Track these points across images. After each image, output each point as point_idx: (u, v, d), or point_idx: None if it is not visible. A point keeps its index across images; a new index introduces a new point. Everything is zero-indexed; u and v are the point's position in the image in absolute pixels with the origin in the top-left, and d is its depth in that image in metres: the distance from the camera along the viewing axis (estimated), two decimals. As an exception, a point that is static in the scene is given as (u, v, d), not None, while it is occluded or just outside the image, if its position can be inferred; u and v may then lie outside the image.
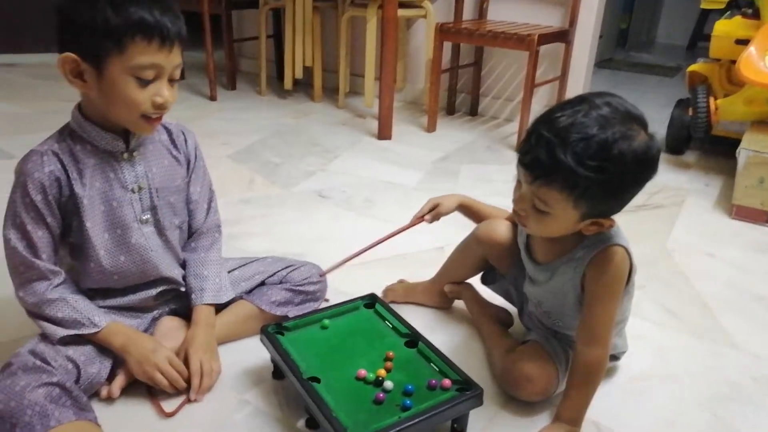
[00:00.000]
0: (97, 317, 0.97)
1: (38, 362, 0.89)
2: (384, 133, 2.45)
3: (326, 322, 1.06)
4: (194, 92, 3.05)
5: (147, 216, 1.03)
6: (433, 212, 1.17)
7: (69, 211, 0.96)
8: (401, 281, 1.34)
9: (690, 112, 2.22)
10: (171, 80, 0.93)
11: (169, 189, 1.05)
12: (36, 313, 0.96)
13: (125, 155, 0.99)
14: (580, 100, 0.85)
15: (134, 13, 0.85)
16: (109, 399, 0.97)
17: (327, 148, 2.32)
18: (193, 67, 3.40)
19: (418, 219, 1.18)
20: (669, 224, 1.78)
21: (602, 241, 0.92)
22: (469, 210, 1.19)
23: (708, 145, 2.47)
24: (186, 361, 1.00)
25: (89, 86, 0.90)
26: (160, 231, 1.05)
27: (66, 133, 0.97)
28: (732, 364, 1.16)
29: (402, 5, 2.40)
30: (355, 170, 2.11)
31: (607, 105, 0.83)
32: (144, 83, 0.90)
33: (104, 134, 0.96)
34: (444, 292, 1.27)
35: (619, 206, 0.88)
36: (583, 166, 0.80)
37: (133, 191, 1.00)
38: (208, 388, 1.00)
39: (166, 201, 1.05)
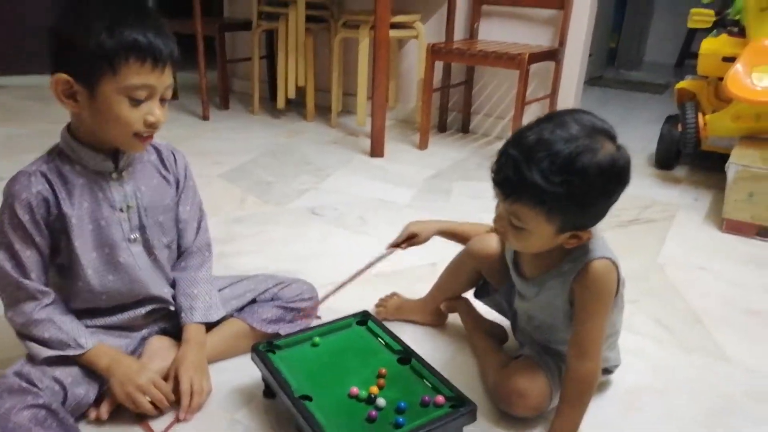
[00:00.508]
0: (84, 339, 0.96)
1: (24, 384, 0.88)
2: (376, 151, 2.46)
3: (317, 339, 1.05)
4: (187, 112, 3.06)
5: (135, 235, 1.02)
6: (409, 242, 1.20)
7: (57, 231, 0.96)
8: (395, 294, 1.34)
9: (679, 128, 2.24)
10: (162, 100, 0.94)
11: (158, 208, 1.05)
12: (23, 334, 0.95)
13: (114, 175, 0.99)
14: (548, 117, 0.87)
15: (128, 36, 0.86)
16: (98, 421, 0.95)
17: (319, 167, 2.33)
18: (187, 88, 3.41)
19: (394, 248, 1.21)
20: (660, 239, 1.79)
21: (587, 254, 0.92)
22: (449, 234, 1.22)
23: (697, 160, 2.50)
24: (176, 381, 0.99)
25: (81, 106, 0.91)
26: (149, 250, 1.05)
27: (54, 154, 0.97)
28: (725, 378, 1.16)
29: (394, 26, 2.42)
30: (348, 188, 2.12)
31: (573, 121, 0.84)
32: (136, 103, 0.90)
33: (94, 154, 0.96)
34: (437, 310, 1.26)
35: (593, 218, 0.89)
36: (549, 182, 0.81)
37: (121, 210, 1.00)
38: (198, 408, 0.99)
39: (155, 220, 1.05)
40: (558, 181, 0.81)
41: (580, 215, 0.87)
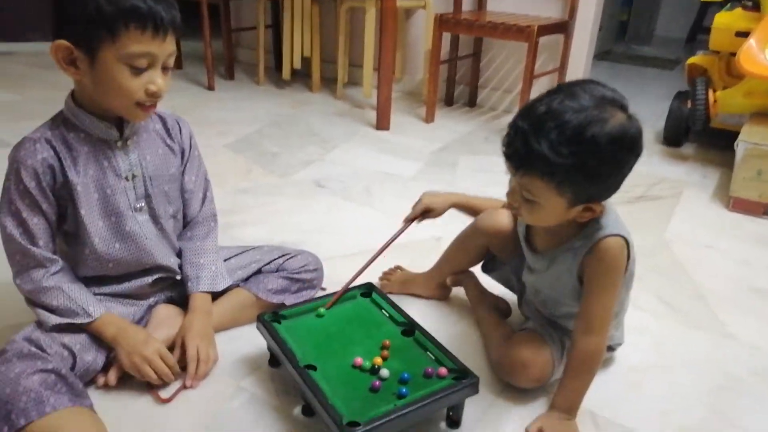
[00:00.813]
0: (92, 307, 0.96)
1: (33, 349, 0.89)
2: (382, 123, 2.44)
3: (321, 310, 1.05)
4: (192, 82, 3.04)
5: (141, 204, 1.02)
6: (424, 216, 1.18)
7: (63, 198, 0.96)
8: (398, 267, 1.34)
9: (689, 105, 2.21)
10: (165, 68, 0.93)
11: (163, 177, 1.05)
12: (32, 301, 0.96)
13: (119, 143, 0.99)
14: (559, 89, 0.86)
15: (127, 1, 0.84)
16: (106, 386, 0.97)
17: (325, 139, 2.32)
18: (191, 57, 3.38)
19: (409, 222, 1.18)
20: (667, 216, 1.78)
21: (600, 230, 0.91)
22: (463, 208, 1.20)
23: (706, 137, 2.47)
24: (182, 349, 1.00)
25: (82, 74, 0.90)
26: (155, 219, 1.05)
27: (59, 121, 0.96)
28: (729, 356, 1.16)
29: (401, -5, 2.38)
30: (353, 160, 2.11)
31: (583, 91, 0.83)
32: (137, 71, 0.89)
33: (98, 122, 0.95)
34: (442, 284, 1.27)
35: (606, 190, 0.88)
36: (557, 153, 0.80)
37: (126, 179, 1.00)
38: (204, 375, 1.00)
39: (161, 189, 1.04)
40: (567, 152, 0.80)
41: (591, 187, 0.85)
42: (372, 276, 1.30)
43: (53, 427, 0.79)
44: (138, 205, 1.02)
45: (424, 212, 1.17)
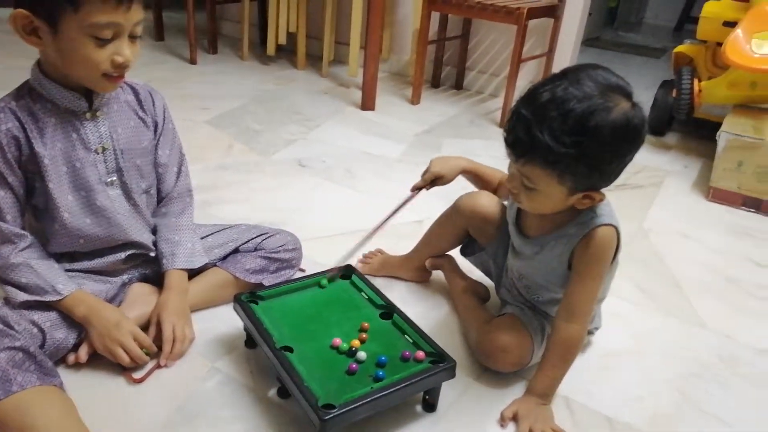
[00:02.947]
0: (61, 285, 0.94)
1: (1, 326, 0.87)
2: (367, 103, 2.42)
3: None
4: (173, 54, 2.97)
5: (113, 178, 0.99)
6: (433, 183, 1.13)
7: (30, 172, 0.93)
8: (379, 251, 1.33)
9: (674, 94, 2.22)
10: (132, 37, 0.89)
11: (135, 151, 1.02)
12: (0, 277, 0.94)
13: (88, 114, 0.95)
14: (563, 74, 0.84)
15: None
16: (77, 365, 0.95)
17: (308, 117, 2.28)
18: (173, 29, 3.30)
19: (418, 191, 1.13)
20: (647, 204, 1.80)
21: (594, 219, 0.91)
22: (472, 174, 1.16)
23: (690, 127, 2.48)
24: (157, 327, 0.98)
25: (45, 44, 0.86)
26: (128, 194, 1.02)
27: (25, 91, 0.92)
28: (702, 344, 1.18)
29: (390, -28, 2.34)
30: (337, 140, 2.08)
31: (588, 77, 0.81)
32: (102, 42, 0.85)
33: (65, 92, 0.92)
34: (421, 266, 1.26)
35: (607, 179, 0.87)
36: (560, 143, 0.79)
37: (96, 152, 0.96)
38: (180, 355, 0.98)
39: (132, 163, 1.01)
40: (569, 142, 0.79)
41: (593, 176, 0.85)
42: (352, 259, 1.29)
43: (20, 406, 0.77)
44: (109, 180, 0.99)
45: (433, 180, 1.13)
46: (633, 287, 1.35)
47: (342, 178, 1.78)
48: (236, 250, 1.15)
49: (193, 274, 1.09)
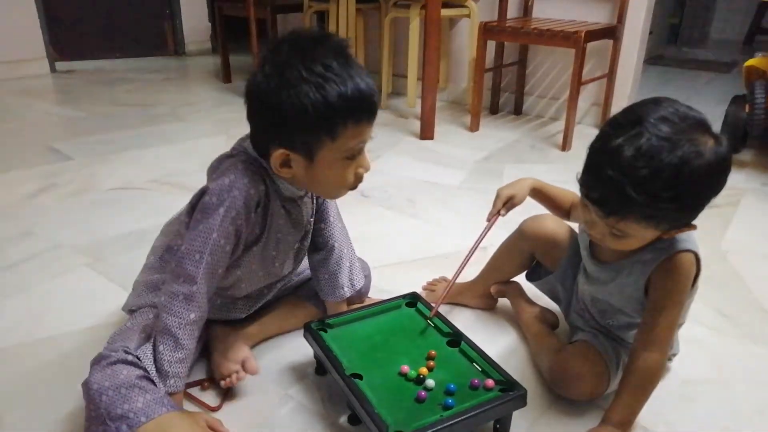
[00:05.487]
0: (171, 380, 0.88)
1: (131, 358, 0.87)
2: (426, 133, 2.44)
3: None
4: (240, 95, 3.10)
5: (298, 245, 1.06)
6: (508, 205, 1.11)
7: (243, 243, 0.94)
8: (443, 278, 1.33)
9: (746, 109, 2.12)
10: None
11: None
12: (156, 324, 0.90)
13: (305, 199, 1.02)
14: (635, 121, 0.79)
15: (343, 102, 0.81)
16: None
17: (369, 148, 2.32)
18: (240, 71, 3.47)
19: (495, 216, 1.11)
20: (724, 225, 1.71)
21: (674, 244, 0.89)
22: (540, 193, 1.13)
23: (765, 143, 2.36)
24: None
25: (295, 172, 0.89)
26: (298, 252, 1.08)
27: (264, 173, 0.92)
28: (792, 372, 1.11)
29: (445, 5, 2.38)
30: (397, 170, 2.11)
31: (663, 121, 0.78)
32: (352, 159, 0.89)
33: (294, 189, 0.96)
34: (487, 293, 1.25)
35: (699, 213, 0.85)
36: (659, 199, 0.77)
37: (306, 227, 1.03)
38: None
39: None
40: (667, 197, 0.77)
41: (688, 216, 0.84)
42: (416, 286, 1.30)
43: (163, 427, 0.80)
44: (296, 246, 1.05)
45: (506, 203, 1.11)
46: (713, 312, 1.29)
47: (404, 207, 1.80)
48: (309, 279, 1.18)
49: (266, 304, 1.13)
